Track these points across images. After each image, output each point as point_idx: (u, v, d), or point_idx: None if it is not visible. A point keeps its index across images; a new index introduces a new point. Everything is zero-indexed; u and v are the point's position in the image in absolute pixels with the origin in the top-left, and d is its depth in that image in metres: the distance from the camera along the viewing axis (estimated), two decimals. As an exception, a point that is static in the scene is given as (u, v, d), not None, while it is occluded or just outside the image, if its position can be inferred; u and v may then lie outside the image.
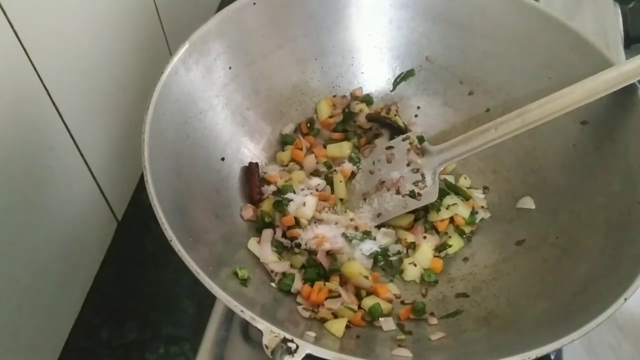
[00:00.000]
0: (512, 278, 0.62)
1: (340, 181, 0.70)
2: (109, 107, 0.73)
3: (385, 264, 0.66)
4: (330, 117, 0.76)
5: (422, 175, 0.68)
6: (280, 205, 0.65)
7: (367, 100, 0.76)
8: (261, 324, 0.45)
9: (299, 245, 0.64)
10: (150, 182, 0.51)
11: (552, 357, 0.61)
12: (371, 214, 0.69)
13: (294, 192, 0.67)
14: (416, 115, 0.77)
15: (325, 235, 0.64)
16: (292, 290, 0.61)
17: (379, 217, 0.68)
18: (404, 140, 0.71)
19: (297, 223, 0.65)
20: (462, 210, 0.68)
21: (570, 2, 1.01)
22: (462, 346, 0.57)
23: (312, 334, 0.53)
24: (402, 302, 0.63)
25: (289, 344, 0.44)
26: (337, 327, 0.56)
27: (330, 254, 0.63)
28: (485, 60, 0.72)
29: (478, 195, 0.71)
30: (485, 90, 0.73)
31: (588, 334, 0.46)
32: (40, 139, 0.60)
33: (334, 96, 0.77)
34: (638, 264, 0.50)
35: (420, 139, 0.71)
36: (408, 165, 0.70)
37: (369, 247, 0.66)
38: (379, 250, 0.66)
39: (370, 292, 0.62)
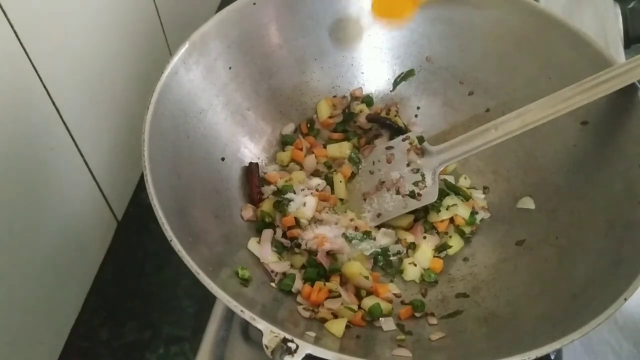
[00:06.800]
0: (512, 278, 0.62)
1: (340, 181, 0.70)
2: (109, 107, 0.73)
3: (385, 264, 0.66)
4: (330, 117, 0.76)
5: (422, 175, 0.68)
6: (281, 205, 0.65)
7: (367, 100, 0.76)
8: (261, 324, 0.45)
9: (299, 246, 0.64)
10: (150, 182, 0.51)
11: (552, 357, 0.61)
12: (371, 214, 0.69)
13: (294, 192, 0.67)
14: (416, 116, 0.77)
15: (326, 235, 0.64)
16: (293, 290, 0.61)
17: (379, 217, 0.68)
18: (404, 140, 0.71)
19: (297, 223, 0.65)
20: (462, 211, 0.68)
21: (570, 2, 1.01)
22: (462, 346, 0.57)
23: (312, 334, 0.53)
24: (402, 302, 0.63)
25: (289, 344, 0.44)
26: (337, 327, 0.56)
27: (330, 254, 0.63)
28: (485, 60, 0.73)
29: (478, 196, 0.71)
30: (485, 90, 0.73)
31: (588, 334, 0.46)
32: (40, 139, 0.60)
33: (334, 96, 0.77)
34: (638, 264, 0.50)
35: (420, 139, 0.71)
36: (408, 165, 0.70)
37: (369, 247, 0.66)
38: (379, 250, 0.66)
39: (370, 292, 0.62)
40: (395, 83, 0.77)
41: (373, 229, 0.67)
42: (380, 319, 0.60)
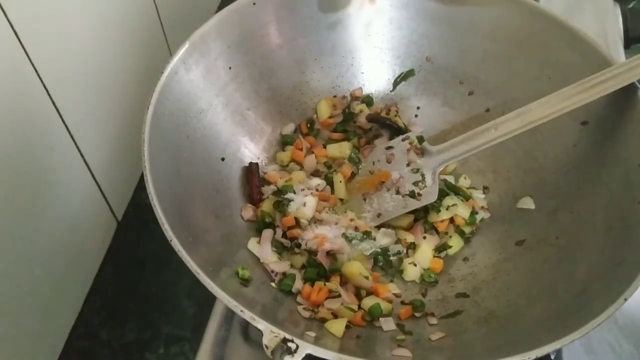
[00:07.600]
0: (512, 278, 0.62)
1: (340, 181, 0.70)
2: (109, 107, 0.73)
3: (385, 264, 0.66)
4: (330, 117, 0.76)
5: (422, 175, 0.68)
6: (281, 205, 0.65)
7: (367, 100, 0.76)
8: (261, 324, 0.45)
9: (299, 246, 0.64)
10: (150, 182, 0.51)
11: (552, 357, 0.61)
12: (371, 214, 0.69)
13: (294, 192, 0.67)
14: (416, 115, 0.77)
15: (326, 235, 0.64)
16: (293, 290, 0.61)
17: (379, 217, 0.68)
18: (403, 140, 0.71)
19: (297, 223, 0.65)
20: (462, 211, 0.68)
21: (570, 2, 1.01)
22: (462, 346, 0.57)
23: (312, 334, 0.53)
24: (402, 302, 0.63)
25: (289, 344, 0.44)
26: (337, 327, 0.56)
27: (330, 254, 0.63)
28: (485, 60, 0.73)
29: (478, 196, 0.71)
30: (485, 90, 0.73)
31: (588, 334, 0.46)
32: (40, 139, 0.60)
33: (334, 96, 0.77)
34: (638, 264, 0.50)
35: (420, 139, 0.71)
36: (408, 165, 0.70)
37: (369, 247, 0.66)
38: (379, 250, 0.66)
39: (370, 292, 0.62)
40: (395, 83, 0.77)
41: (373, 229, 0.67)
42: (380, 319, 0.60)
